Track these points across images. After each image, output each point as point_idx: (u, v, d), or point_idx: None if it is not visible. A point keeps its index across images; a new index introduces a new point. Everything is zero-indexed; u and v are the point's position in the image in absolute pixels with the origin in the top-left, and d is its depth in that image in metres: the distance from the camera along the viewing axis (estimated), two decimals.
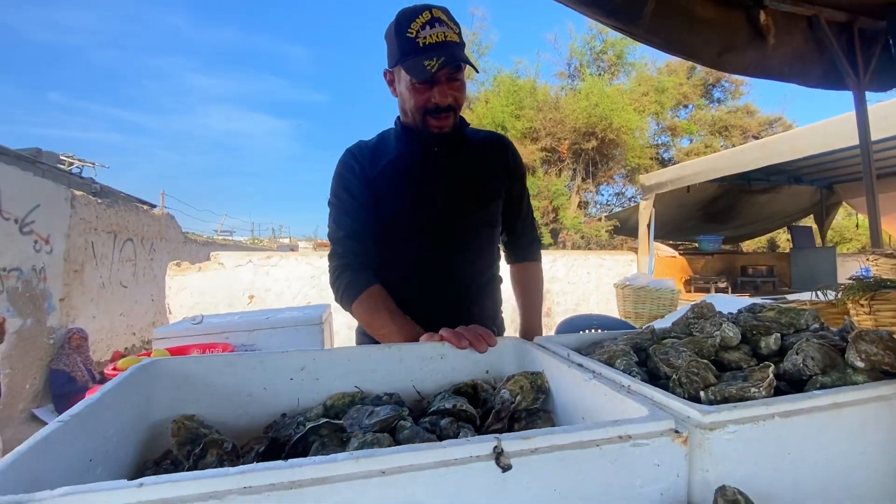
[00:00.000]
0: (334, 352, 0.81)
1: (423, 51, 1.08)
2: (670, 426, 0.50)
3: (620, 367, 0.72)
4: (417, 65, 1.08)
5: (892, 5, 1.92)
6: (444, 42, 1.09)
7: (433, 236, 1.25)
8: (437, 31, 1.09)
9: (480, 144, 1.34)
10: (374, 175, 1.24)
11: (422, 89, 1.14)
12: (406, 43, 1.10)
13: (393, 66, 1.18)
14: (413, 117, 1.20)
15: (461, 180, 1.27)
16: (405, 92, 1.17)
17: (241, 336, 1.92)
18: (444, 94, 1.14)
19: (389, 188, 1.24)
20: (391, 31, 1.15)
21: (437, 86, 1.13)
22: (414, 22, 1.09)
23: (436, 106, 1.15)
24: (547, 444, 0.46)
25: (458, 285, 1.27)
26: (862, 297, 1.29)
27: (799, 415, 0.54)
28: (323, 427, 0.65)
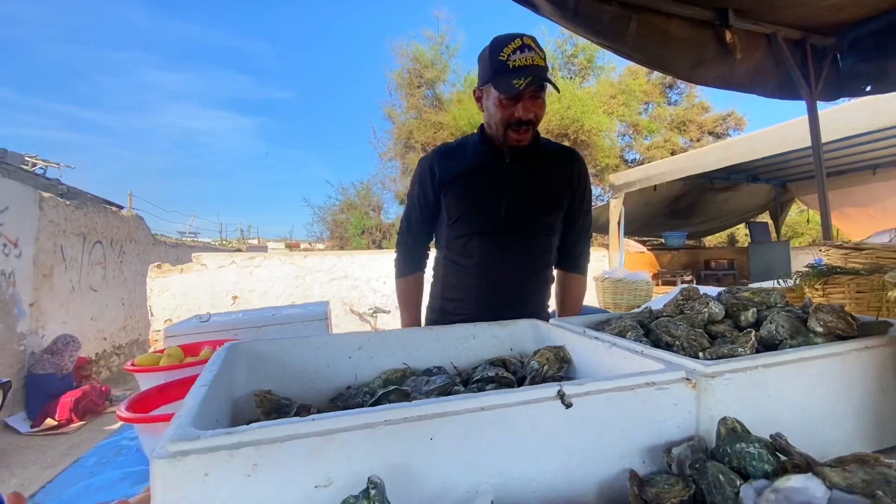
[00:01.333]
0: (385, 334, 0.94)
1: (512, 71, 1.22)
2: (683, 375, 0.65)
3: (632, 338, 0.87)
4: (507, 83, 1.22)
5: (840, 25, 2.16)
6: (531, 65, 1.23)
7: (491, 239, 1.39)
8: (526, 56, 1.23)
9: (550, 156, 1.46)
10: (449, 178, 1.41)
11: (507, 104, 1.27)
12: (498, 64, 1.24)
13: (483, 85, 1.33)
14: (497, 130, 1.34)
15: (527, 190, 1.40)
16: (492, 107, 1.31)
17: (249, 332, 2.00)
18: (528, 109, 1.28)
19: (459, 192, 1.40)
20: (485, 54, 1.30)
21: (521, 102, 1.27)
22: (507, 47, 1.24)
23: (518, 120, 1.28)
24: (596, 389, 0.60)
25: (508, 285, 1.41)
26: (816, 282, 1.49)
27: (776, 366, 0.70)
28: (392, 393, 0.77)
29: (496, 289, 1.42)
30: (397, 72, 12.06)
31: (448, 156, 1.45)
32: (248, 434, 0.46)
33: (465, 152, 1.44)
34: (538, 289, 1.50)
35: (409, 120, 11.50)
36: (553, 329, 1.01)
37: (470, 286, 1.44)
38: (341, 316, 4.80)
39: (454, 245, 1.44)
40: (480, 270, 1.42)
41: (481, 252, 1.41)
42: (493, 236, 1.40)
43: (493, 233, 1.40)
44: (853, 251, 1.62)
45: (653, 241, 8.68)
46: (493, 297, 1.41)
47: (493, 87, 1.26)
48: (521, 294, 1.45)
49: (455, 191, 1.40)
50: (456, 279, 1.46)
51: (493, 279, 1.42)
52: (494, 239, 1.40)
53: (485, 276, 1.42)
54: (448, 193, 1.41)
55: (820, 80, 2.28)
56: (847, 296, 1.41)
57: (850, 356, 0.76)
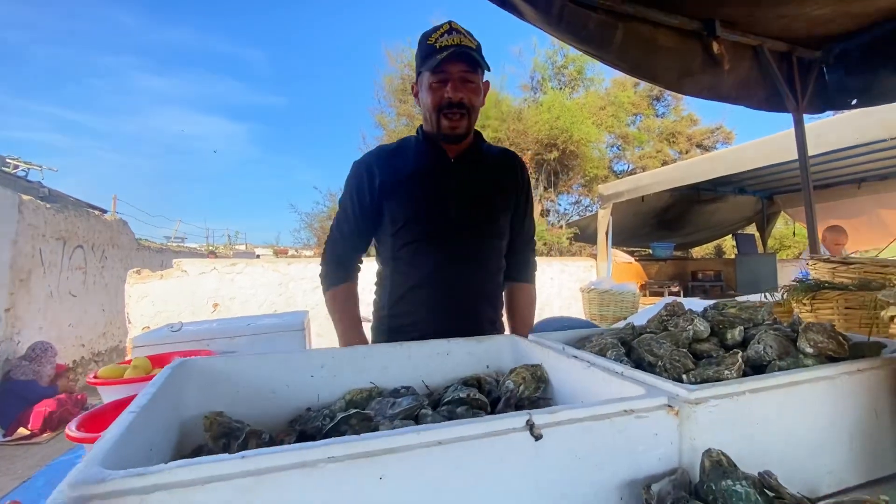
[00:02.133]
0: (351, 351, 0.87)
1: (438, 51, 1.22)
2: (664, 402, 0.60)
3: (612, 357, 0.82)
4: (433, 61, 1.21)
5: (826, 38, 2.16)
6: (458, 44, 1.22)
7: (443, 244, 1.31)
8: (452, 37, 1.23)
9: (494, 158, 1.43)
10: (390, 182, 1.32)
11: (436, 87, 1.25)
12: (426, 49, 1.25)
13: (418, 73, 1.31)
14: (430, 119, 1.30)
15: (474, 192, 1.35)
16: (424, 94, 1.29)
17: (221, 343, 1.92)
18: (457, 88, 1.24)
19: (404, 196, 1.32)
20: (418, 45, 1.30)
21: (451, 82, 1.24)
22: (435, 33, 1.25)
23: (448, 101, 1.24)
24: (568, 418, 0.54)
25: (463, 292, 1.33)
26: (804, 297, 1.46)
27: (764, 391, 0.65)
28: (352, 417, 0.71)
29: (452, 295, 1.33)
30: (389, 77, 12.04)
31: (388, 158, 1.37)
32: (164, 475, 0.40)
33: (405, 154, 1.37)
34: (494, 292, 1.44)
35: (400, 127, 11.47)
36: (531, 346, 0.95)
37: (423, 296, 1.33)
38: (325, 325, 4.68)
39: (401, 254, 1.34)
40: (434, 277, 1.32)
41: (433, 258, 1.32)
42: (444, 240, 1.32)
43: (445, 237, 1.32)
44: (840, 265, 1.59)
45: (640, 251, 8.70)
46: (450, 304, 1.32)
47: (424, 69, 1.25)
48: (478, 298, 1.38)
49: (399, 195, 1.32)
50: (406, 290, 1.35)
51: (448, 285, 1.33)
52: (446, 243, 1.32)
53: (439, 283, 1.33)
54: (391, 198, 1.32)
55: (806, 93, 2.28)
56: (836, 312, 1.38)
57: (842, 379, 0.72)
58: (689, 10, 1.79)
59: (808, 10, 1.75)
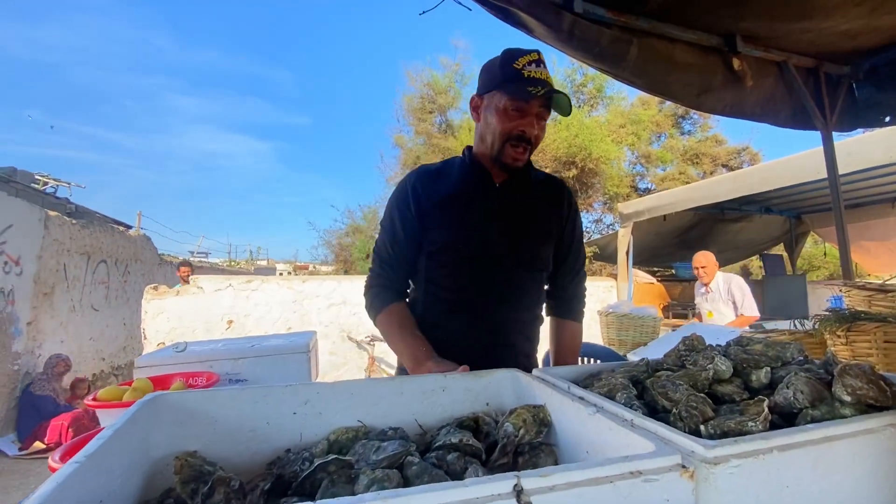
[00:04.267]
0: (337, 385, 0.81)
1: (527, 80, 1.16)
2: (677, 461, 0.52)
3: (621, 401, 0.74)
4: (521, 88, 1.15)
5: (855, 52, 2.06)
6: (545, 80, 1.18)
7: (481, 270, 1.25)
8: (541, 70, 1.19)
9: (540, 185, 1.36)
10: (432, 205, 1.26)
11: (514, 116, 1.19)
12: (512, 72, 1.18)
13: (488, 91, 1.23)
14: (493, 143, 1.23)
15: (517, 219, 1.28)
16: (494, 116, 1.21)
17: (225, 364, 1.89)
18: (533, 125, 1.20)
19: (443, 217, 1.26)
20: (495, 62, 1.23)
21: (529, 117, 1.19)
22: (522, 57, 1.19)
23: (521, 134, 1.20)
24: (564, 482, 0.47)
25: (497, 321, 1.26)
26: (838, 328, 1.35)
27: (795, 448, 0.57)
28: (331, 463, 0.65)
29: (487, 324, 1.26)
30: (409, 97, 12.19)
31: (430, 178, 1.31)
32: None
33: (449, 175, 1.32)
34: (531, 325, 1.36)
35: (418, 145, 11.55)
36: (535, 383, 0.88)
37: (458, 324, 1.27)
38: (338, 343, 4.65)
39: (436, 276, 1.28)
40: (470, 304, 1.26)
41: (470, 284, 1.26)
42: (482, 267, 1.26)
43: (483, 263, 1.25)
44: (878, 293, 1.48)
45: (663, 271, 8.48)
46: (485, 334, 1.26)
47: (504, 92, 1.18)
48: (514, 330, 1.31)
49: (439, 215, 1.26)
50: (438, 315, 1.28)
51: (484, 313, 1.26)
52: (484, 269, 1.26)
53: (475, 311, 1.26)
54: (430, 218, 1.26)
55: (835, 109, 2.17)
56: (874, 346, 1.27)
57: (886, 433, 0.62)
58: (707, 26, 1.72)
59: (834, 24, 1.66)
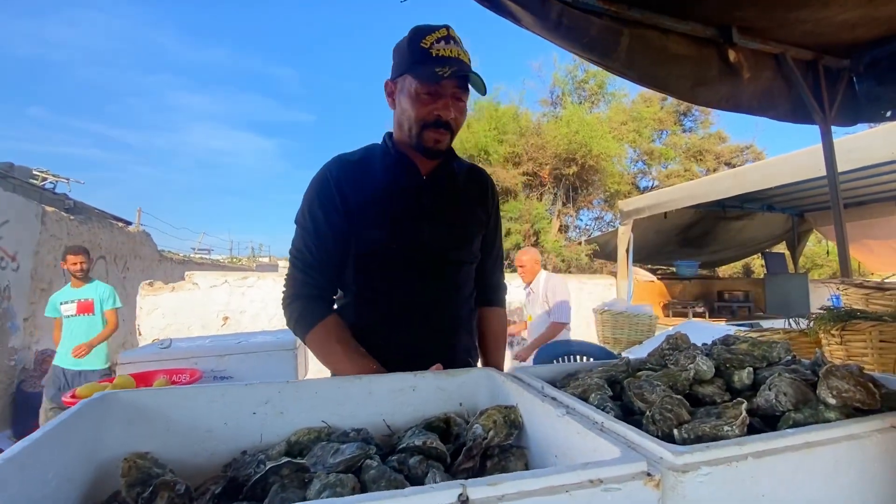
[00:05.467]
0: (301, 384, 0.78)
1: (435, 60, 1.07)
2: (642, 469, 0.49)
3: (594, 402, 0.71)
4: (427, 71, 1.06)
5: (854, 45, 2.01)
6: (457, 58, 1.09)
7: (416, 269, 1.18)
8: (451, 48, 1.09)
9: (464, 176, 1.31)
10: (359, 201, 1.16)
11: (426, 100, 1.11)
12: (419, 52, 1.09)
13: (399, 75, 1.15)
14: (410, 130, 1.15)
15: (447, 213, 1.23)
16: (407, 102, 1.13)
17: (210, 361, 1.86)
18: (448, 107, 1.11)
19: (372, 217, 1.16)
20: (403, 42, 1.15)
21: (443, 99, 1.11)
22: (430, 35, 1.10)
23: (437, 119, 1.11)
24: (515, 491, 0.43)
25: (438, 319, 1.21)
26: (833, 327, 1.31)
27: (772, 455, 0.53)
28: (284, 467, 0.61)
29: (429, 325, 1.20)
30: None
31: (353, 169, 1.19)
32: None
33: (371, 167, 1.21)
34: (470, 319, 1.32)
35: None
36: (509, 382, 0.84)
37: (396, 327, 1.19)
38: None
39: (369, 279, 1.18)
40: (408, 306, 1.19)
41: (406, 285, 1.18)
42: (417, 265, 1.18)
43: (418, 261, 1.18)
44: (875, 291, 1.44)
45: (664, 269, 8.42)
46: (428, 336, 1.19)
47: (412, 76, 1.10)
48: (456, 328, 1.26)
49: (367, 214, 1.16)
50: (374, 321, 1.18)
51: (424, 314, 1.19)
52: (419, 268, 1.19)
53: (414, 313, 1.19)
54: (359, 217, 1.15)
55: (834, 104, 2.12)
56: (869, 345, 1.23)
57: (872, 439, 0.59)
58: (702, 16, 1.68)
59: (832, 14, 1.62)
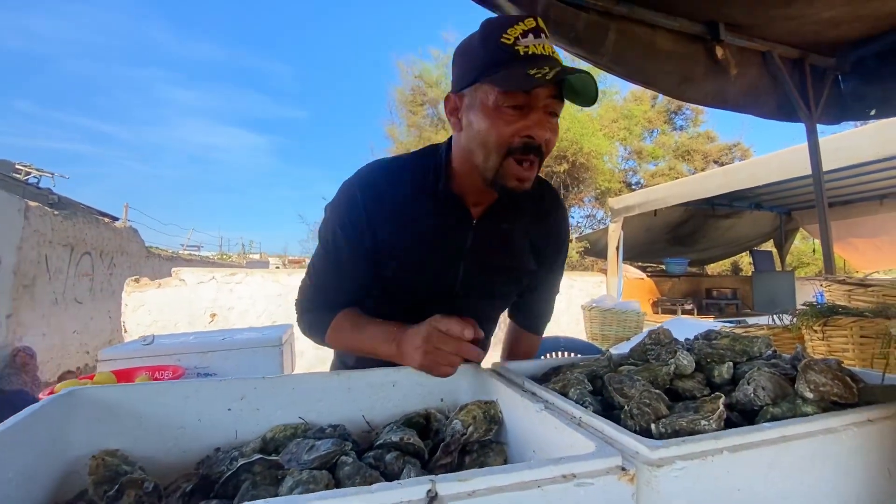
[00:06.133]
0: (277, 380, 0.77)
1: (525, 60, 0.80)
2: (617, 463, 0.48)
3: (573, 397, 0.70)
4: (517, 74, 0.78)
5: (840, 43, 2.02)
6: (552, 56, 0.83)
7: (437, 305, 0.96)
8: (543, 42, 0.82)
9: (527, 207, 1.06)
10: (390, 240, 0.97)
11: (512, 116, 0.82)
12: (501, 50, 0.81)
13: (470, 83, 0.86)
14: (486, 159, 0.87)
15: (490, 254, 1.02)
16: (484, 119, 0.84)
17: (193, 358, 1.83)
18: (544, 124, 0.83)
19: (405, 262, 0.99)
20: (473, 41, 0.87)
21: (534, 113, 0.83)
22: (514, 27, 0.82)
23: (526, 141, 0.83)
24: (485, 487, 0.43)
25: None
26: (815, 322, 1.32)
27: (748, 449, 0.53)
28: (256, 464, 0.60)
29: None
30: (400, 88, 12.08)
31: (388, 198, 0.96)
32: None
33: (413, 200, 0.96)
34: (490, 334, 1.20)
35: (410, 139, 11.47)
36: (490, 378, 0.83)
37: None
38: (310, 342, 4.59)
39: (383, 312, 1.02)
40: None
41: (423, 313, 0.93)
42: (438, 304, 0.98)
43: (440, 300, 1.02)
44: (857, 287, 1.45)
45: (653, 267, 8.47)
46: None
47: (493, 83, 0.81)
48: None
49: (398, 255, 0.98)
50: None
51: None
52: (439, 306, 0.95)
53: None
54: (386, 255, 0.98)
55: (820, 102, 2.13)
56: (850, 340, 1.24)
57: (849, 433, 0.58)
58: (689, 12, 1.68)
59: (817, 11, 1.62)
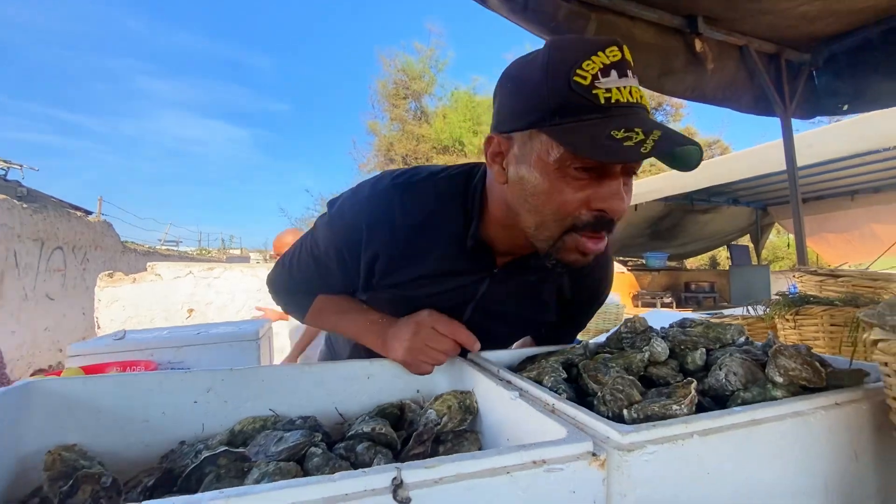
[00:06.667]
0: (246, 372, 0.74)
1: (606, 112, 0.62)
2: (588, 449, 0.47)
3: (548, 385, 0.70)
4: (596, 136, 0.60)
5: (815, 39, 2.06)
6: (637, 105, 0.64)
7: None
8: (630, 85, 0.64)
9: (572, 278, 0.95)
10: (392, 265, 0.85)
11: (580, 182, 0.66)
12: (571, 93, 0.62)
13: (524, 128, 0.68)
14: (540, 229, 0.72)
15: (505, 305, 0.93)
16: (541, 179, 0.68)
17: (167, 353, 1.79)
18: (621, 195, 0.68)
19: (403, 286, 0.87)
20: (531, 70, 0.67)
21: (610, 181, 0.67)
22: (589, 61, 0.62)
23: (599, 215, 0.68)
24: (453, 473, 0.41)
25: None
26: (787, 312, 1.34)
27: (718, 433, 0.52)
28: (221, 456, 0.58)
29: None
30: (383, 81, 11.98)
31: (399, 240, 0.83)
32: None
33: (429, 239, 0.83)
34: None
35: (392, 132, 11.39)
36: (467, 367, 0.83)
37: None
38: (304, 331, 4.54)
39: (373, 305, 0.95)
40: None
41: None
42: None
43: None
44: (829, 278, 1.48)
45: (634, 261, 8.59)
46: None
47: (564, 144, 0.63)
48: None
49: (397, 284, 0.87)
50: None
51: None
52: None
53: None
54: (382, 283, 0.88)
55: (795, 96, 2.17)
56: (820, 329, 1.26)
57: (817, 416, 0.59)
58: (668, 4, 1.68)
59: (793, 6, 1.65)
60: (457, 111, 10.50)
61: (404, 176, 0.86)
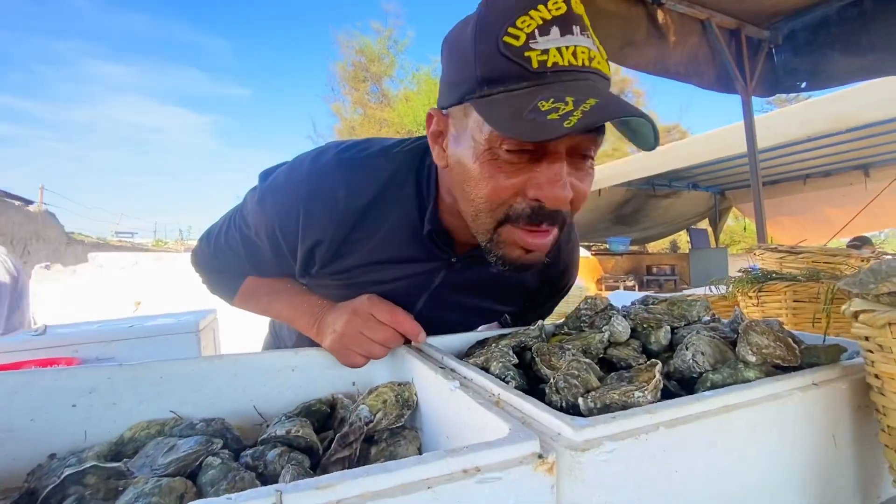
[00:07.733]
0: (141, 366, 0.62)
1: (540, 78, 0.52)
2: (533, 450, 0.39)
3: (495, 372, 0.61)
4: (519, 110, 0.51)
5: (774, 15, 2.03)
6: (585, 70, 0.53)
7: None
8: (574, 45, 0.52)
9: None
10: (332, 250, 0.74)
11: (513, 166, 0.56)
12: (500, 57, 0.52)
13: (456, 103, 0.58)
14: (476, 217, 0.62)
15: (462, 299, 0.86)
16: (471, 162, 0.58)
17: (94, 349, 1.63)
18: (560, 181, 0.56)
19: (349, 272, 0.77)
20: (463, 32, 0.57)
21: (550, 158, 0.55)
22: (525, 17, 0.51)
23: (535, 207, 0.58)
24: (355, 494, 0.32)
25: None
26: (750, 289, 1.31)
27: (686, 423, 0.45)
28: (89, 473, 0.47)
29: None
30: (341, 64, 11.62)
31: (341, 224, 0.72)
32: None
33: (378, 220, 0.73)
34: None
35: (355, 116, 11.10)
36: (408, 355, 0.73)
37: None
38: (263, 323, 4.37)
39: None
40: None
41: None
42: None
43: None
44: (789, 255, 1.46)
45: (598, 246, 8.70)
46: None
47: (487, 119, 0.54)
48: None
49: (340, 270, 0.77)
50: None
51: None
52: None
53: None
54: (328, 276, 0.79)
55: (755, 74, 2.15)
56: (783, 305, 1.23)
57: (794, 398, 0.52)
58: None
59: None
60: (419, 94, 10.28)
61: (352, 150, 0.74)
